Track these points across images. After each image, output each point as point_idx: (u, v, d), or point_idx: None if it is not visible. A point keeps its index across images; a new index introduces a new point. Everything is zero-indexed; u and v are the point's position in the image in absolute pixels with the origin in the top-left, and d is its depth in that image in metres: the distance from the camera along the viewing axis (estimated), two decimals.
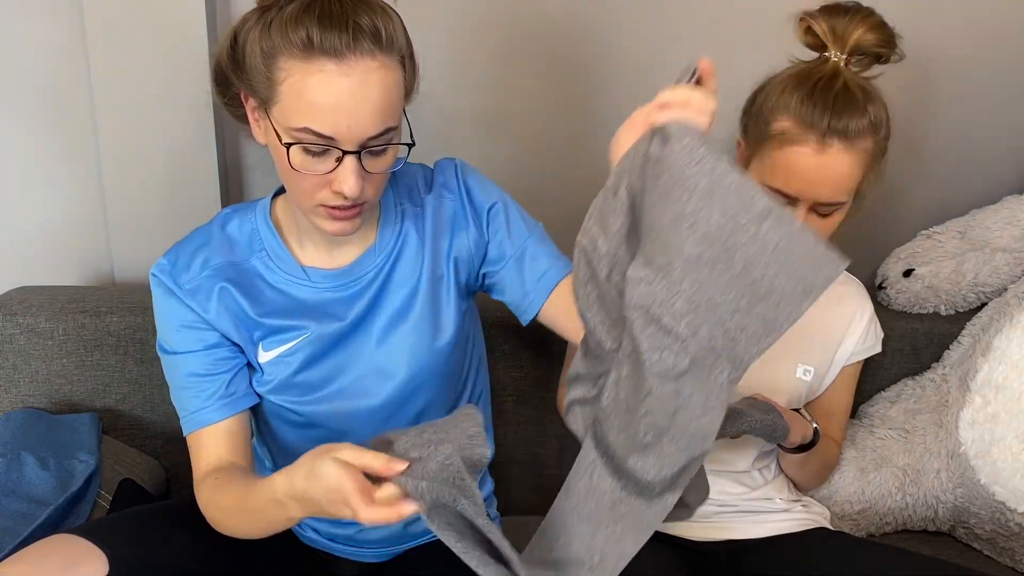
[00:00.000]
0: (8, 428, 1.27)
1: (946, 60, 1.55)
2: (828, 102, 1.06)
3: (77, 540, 0.93)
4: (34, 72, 1.44)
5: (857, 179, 1.10)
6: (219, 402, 1.02)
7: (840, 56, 1.08)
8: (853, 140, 1.07)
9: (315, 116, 0.86)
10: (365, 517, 0.75)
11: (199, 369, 1.02)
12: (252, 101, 0.94)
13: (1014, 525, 1.32)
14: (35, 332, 1.35)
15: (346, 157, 0.88)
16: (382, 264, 1.04)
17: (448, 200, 1.07)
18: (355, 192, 0.89)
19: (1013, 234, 1.45)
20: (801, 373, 1.24)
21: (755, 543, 1.21)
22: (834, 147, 1.06)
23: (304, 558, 1.15)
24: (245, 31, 0.91)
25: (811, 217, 1.12)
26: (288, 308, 1.03)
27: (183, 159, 1.45)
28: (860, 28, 1.07)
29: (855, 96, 1.07)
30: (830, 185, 1.08)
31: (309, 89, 0.85)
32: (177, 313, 1.01)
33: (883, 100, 1.12)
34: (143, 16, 1.37)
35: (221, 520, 0.98)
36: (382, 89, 0.87)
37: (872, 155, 1.10)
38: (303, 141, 0.87)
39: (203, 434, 1.02)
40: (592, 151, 1.57)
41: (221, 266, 1.02)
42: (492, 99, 1.52)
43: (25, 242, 1.53)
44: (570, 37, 1.49)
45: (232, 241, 1.04)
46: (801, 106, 1.07)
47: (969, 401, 1.37)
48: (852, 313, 1.27)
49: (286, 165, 0.90)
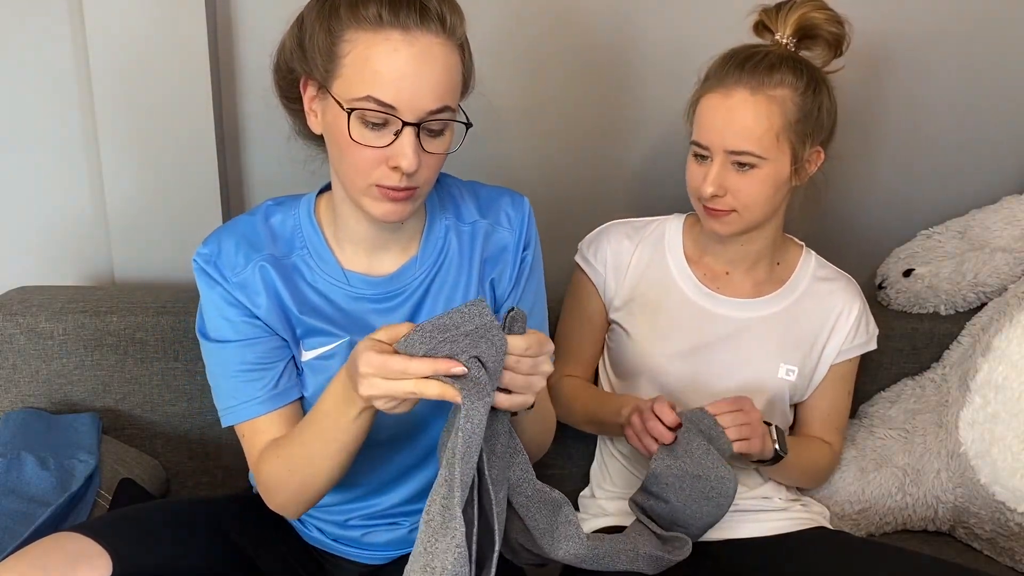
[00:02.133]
0: (8, 428, 1.27)
1: (947, 60, 1.55)
2: (741, 58, 1.14)
3: (80, 538, 0.93)
4: (34, 72, 1.44)
5: (769, 129, 1.11)
6: (271, 392, 1.01)
7: (786, 37, 1.15)
8: (760, 88, 1.11)
9: (378, 84, 0.87)
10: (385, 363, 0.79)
11: (252, 359, 1.00)
12: (311, 89, 0.95)
13: (1014, 525, 1.32)
14: (35, 332, 1.35)
15: (405, 129, 0.89)
16: (423, 276, 1.04)
17: (505, 230, 1.08)
18: (412, 166, 0.89)
19: (1013, 234, 1.45)
20: (784, 373, 1.24)
21: (754, 543, 1.21)
22: (738, 94, 1.12)
23: (306, 558, 1.15)
24: (311, 12, 0.93)
25: (729, 173, 1.14)
26: (327, 311, 1.03)
27: (183, 159, 1.45)
28: (802, 8, 1.14)
29: (772, 57, 1.12)
30: (736, 131, 1.12)
31: (374, 58, 0.87)
32: (225, 303, 1.00)
33: (821, 79, 1.16)
34: (143, 16, 1.37)
35: (286, 479, 0.97)
36: (444, 65, 0.90)
37: (789, 108, 1.12)
38: (364, 109, 0.88)
39: (257, 422, 1.01)
40: (618, 148, 1.58)
41: (266, 259, 1.01)
42: (521, 95, 1.52)
43: (25, 242, 1.53)
44: (599, 35, 1.50)
45: (274, 235, 1.04)
46: (719, 63, 1.16)
47: (969, 401, 1.37)
48: (838, 310, 1.26)
49: (344, 140, 0.90)
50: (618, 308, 1.28)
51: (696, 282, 1.25)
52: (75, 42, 1.42)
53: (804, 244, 1.32)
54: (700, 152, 1.16)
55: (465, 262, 1.06)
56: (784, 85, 1.12)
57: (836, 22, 1.15)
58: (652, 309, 1.25)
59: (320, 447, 0.93)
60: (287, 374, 1.02)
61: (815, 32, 1.15)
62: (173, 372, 1.38)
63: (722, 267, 1.26)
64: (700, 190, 1.16)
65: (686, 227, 1.30)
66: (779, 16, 1.16)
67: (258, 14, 1.45)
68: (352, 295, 1.03)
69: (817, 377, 1.27)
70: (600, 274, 1.29)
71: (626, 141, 1.57)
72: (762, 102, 1.11)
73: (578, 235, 1.35)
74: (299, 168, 1.15)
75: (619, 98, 1.54)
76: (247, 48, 1.47)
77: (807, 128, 1.14)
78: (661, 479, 1.10)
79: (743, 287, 1.25)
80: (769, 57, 1.12)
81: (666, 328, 1.24)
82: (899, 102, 1.58)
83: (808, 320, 1.25)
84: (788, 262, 1.28)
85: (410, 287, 1.04)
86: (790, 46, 1.15)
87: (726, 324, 1.24)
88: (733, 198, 1.14)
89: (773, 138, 1.11)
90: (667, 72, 1.49)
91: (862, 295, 1.29)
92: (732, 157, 1.13)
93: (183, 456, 1.42)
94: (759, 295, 1.25)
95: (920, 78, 1.56)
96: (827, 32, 1.15)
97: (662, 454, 1.10)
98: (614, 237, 1.29)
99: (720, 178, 1.14)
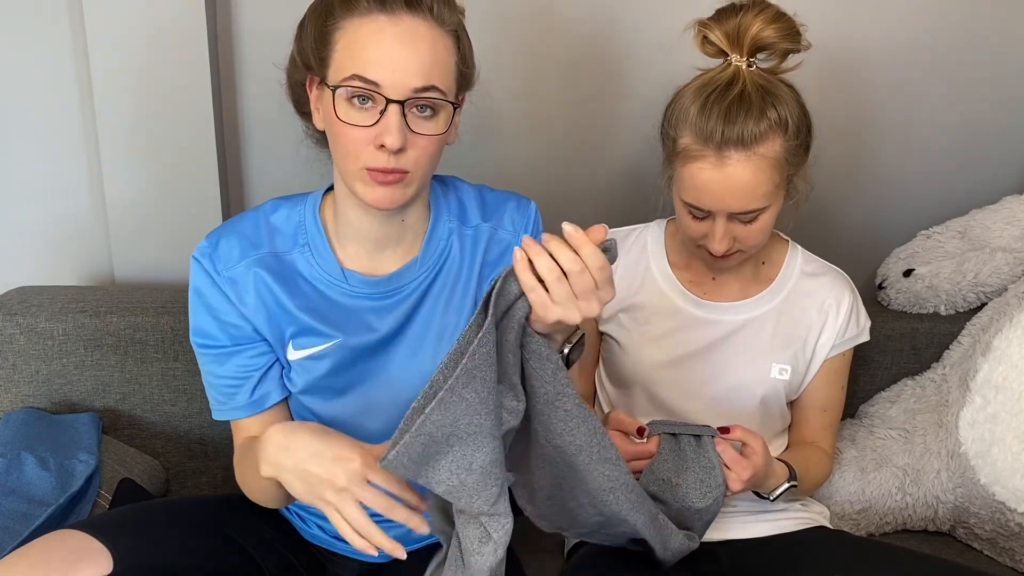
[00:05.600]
0: (8, 428, 1.27)
1: (947, 60, 1.55)
2: (721, 112, 1.04)
3: (81, 535, 0.93)
4: (34, 72, 1.44)
5: (769, 183, 1.08)
6: (247, 402, 1.04)
7: (741, 59, 1.07)
8: (752, 147, 1.05)
9: (363, 62, 0.90)
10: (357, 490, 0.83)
11: (228, 372, 1.03)
12: (314, 88, 0.97)
13: (1014, 525, 1.32)
14: (35, 332, 1.35)
15: (390, 107, 0.90)
16: (423, 277, 1.05)
17: (507, 234, 1.08)
18: (396, 143, 0.90)
19: (1013, 234, 1.45)
20: (777, 372, 1.23)
21: (755, 542, 1.21)
22: (732, 158, 1.05)
23: (306, 556, 1.15)
24: (310, 14, 0.96)
25: (734, 226, 1.11)
26: (322, 310, 1.03)
27: (183, 159, 1.45)
28: (755, 25, 1.05)
29: (750, 101, 1.05)
30: (737, 196, 1.07)
31: (360, 39, 0.90)
32: (213, 301, 1.02)
33: (793, 94, 1.09)
34: (143, 17, 1.37)
35: (249, 488, 1.02)
36: (430, 45, 0.91)
37: (782, 155, 1.08)
38: (349, 86, 0.90)
39: (240, 422, 1.06)
40: (610, 150, 1.57)
41: (262, 256, 1.02)
42: (516, 97, 1.52)
43: (25, 242, 1.53)
44: (590, 37, 1.50)
45: (276, 230, 1.04)
46: (697, 119, 1.06)
47: (969, 401, 1.37)
48: (827, 304, 1.24)
49: (334, 123, 0.92)
50: (606, 320, 1.27)
51: (682, 289, 1.25)
52: (75, 43, 1.42)
53: (790, 239, 1.30)
54: (697, 213, 1.12)
55: (466, 265, 1.06)
56: (772, 134, 1.06)
57: (789, 37, 1.07)
58: (641, 319, 1.25)
59: (258, 482, 0.95)
60: (266, 381, 1.04)
61: (771, 48, 1.09)
62: (173, 372, 1.38)
63: (708, 272, 1.25)
64: (709, 247, 1.13)
65: (668, 234, 1.29)
66: (728, 40, 1.07)
67: (258, 15, 1.45)
68: (349, 293, 1.03)
69: (811, 374, 1.26)
70: None
71: (617, 142, 1.57)
72: (759, 164, 1.06)
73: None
74: (299, 168, 1.16)
75: (611, 99, 1.54)
76: (247, 48, 1.47)
77: (798, 159, 1.11)
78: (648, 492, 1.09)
79: (730, 290, 1.25)
80: (746, 102, 1.05)
81: (656, 337, 1.24)
82: (899, 102, 1.58)
83: (798, 317, 1.24)
84: (774, 260, 1.27)
85: (408, 287, 1.04)
86: (752, 67, 1.08)
87: (715, 328, 1.23)
88: (739, 242, 1.13)
89: (773, 188, 1.09)
90: (659, 71, 1.49)
91: (852, 287, 1.27)
92: (737, 216, 1.10)
93: (183, 456, 1.42)
94: (746, 296, 1.24)
95: (920, 78, 1.56)
96: (781, 49, 1.09)
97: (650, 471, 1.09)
98: None
99: (728, 235, 1.11)
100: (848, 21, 1.48)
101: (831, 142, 1.52)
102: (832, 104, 1.49)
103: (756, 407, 1.22)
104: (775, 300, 1.24)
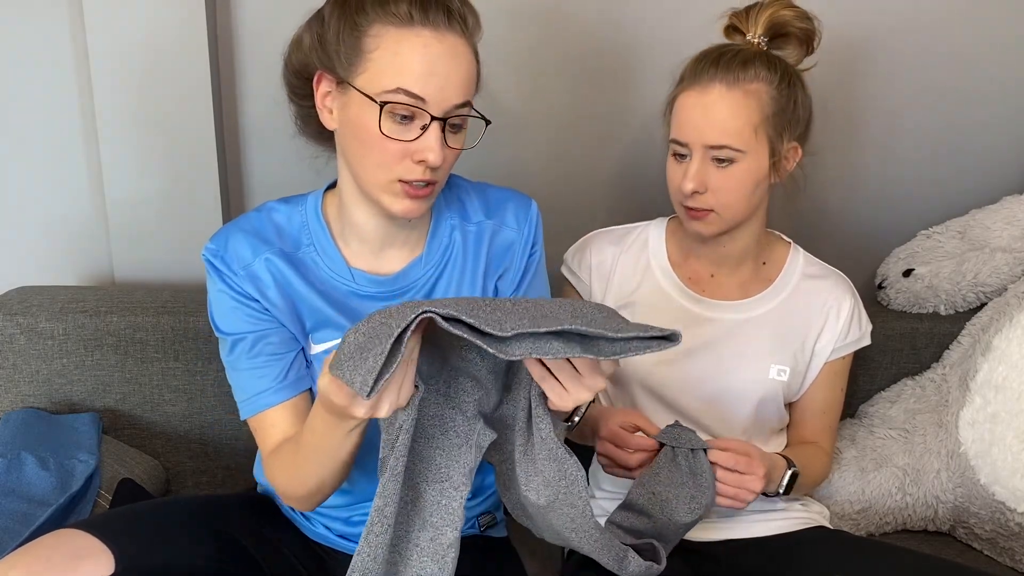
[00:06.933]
0: (8, 428, 1.27)
1: (947, 60, 1.55)
2: (715, 55, 1.14)
3: (83, 535, 0.93)
4: (34, 72, 1.44)
5: (747, 123, 1.12)
6: (280, 383, 1.02)
7: (757, 37, 1.16)
8: (736, 83, 1.12)
9: (409, 76, 0.89)
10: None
11: (260, 350, 1.02)
12: (326, 84, 0.96)
13: (1014, 525, 1.32)
14: (35, 332, 1.35)
15: (432, 123, 0.91)
16: (429, 275, 1.06)
17: (511, 231, 1.09)
18: (438, 160, 0.91)
19: (1013, 234, 1.45)
20: (775, 373, 1.23)
21: (755, 542, 1.21)
22: (715, 89, 1.12)
23: (307, 555, 1.15)
24: (333, 8, 0.94)
25: (708, 169, 1.14)
26: (334, 306, 1.03)
27: (183, 159, 1.46)
28: (771, 8, 1.16)
29: (748, 56, 1.13)
30: (713, 126, 1.12)
31: (405, 52, 0.89)
32: (233, 295, 1.01)
33: (794, 74, 1.16)
34: (143, 16, 1.37)
35: (291, 477, 0.98)
36: (468, 63, 0.93)
37: (766, 101, 1.13)
38: (395, 102, 0.90)
39: (268, 415, 1.02)
40: (613, 148, 1.57)
41: (275, 252, 1.03)
42: (519, 94, 1.52)
43: (25, 242, 1.54)
44: (596, 40, 1.50)
45: (280, 230, 1.05)
46: (693, 63, 1.17)
47: (969, 401, 1.37)
48: (828, 307, 1.25)
49: (370, 134, 0.91)
50: None
51: (682, 286, 1.25)
52: (75, 42, 1.42)
53: (792, 241, 1.30)
54: (679, 151, 1.17)
55: (470, 261, 1.07)
56: (759, 79, 1.12)
57: (805, 18, 1.16)
58: (639, 316, 1.24)
59: (317, 465, 0.93)
60: (296, 365, 1.03)
61: (785, 30, 1.16)
62: (173, 372, 1.38)
63: (707, 269, 1.25)
64: (680, 187, 1.16)
65: (669, 231, 1.29)
66: (749, 17, 1.17)
67: (258, 15, 1.45)
68: (358, 292, 1.04)
69: (810, 375, 1.26)
70: (585, 283, 1.29)
71: (621, 145, 1.57)
72: (738, 96, 1.12)
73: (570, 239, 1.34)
74: (300, 168, 1.15)
75: (616, 101, 1.54)
76: (248, 48, 1.47)
77: (783, 121, 1.15)
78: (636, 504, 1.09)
79: (729, 289, 1.25)
80: (742, 54, 1.14)
81: None
82: (900, 102, 1.58)
83: (797, 319, 1.24)
84: (775, 261, 1.28)
85: (415, 285, 1.05)
86: (762, 45, 1.16)
87: (714, 327, 1.23)
88: (713, 196, 1.14)
89: (751, 131, 1.12)
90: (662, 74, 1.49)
91: (854, 291, 1.27)
92: (711, 152, 1.13)
93: (183, 456, 1.42)
94: (746, 296, 1.24)
95: (920, 78, 1.56)
96: (797, 28, 1.16)
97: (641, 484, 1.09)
98: (597, 246, 1.29)
99: (700, 174, 1.14)
100: (849, 20, 1.48)
101: (831, 142, 1.53)
102: (832, 104, 1.49)
103: (753, 407, 1.22)
104: (775, 300, 1.24)
